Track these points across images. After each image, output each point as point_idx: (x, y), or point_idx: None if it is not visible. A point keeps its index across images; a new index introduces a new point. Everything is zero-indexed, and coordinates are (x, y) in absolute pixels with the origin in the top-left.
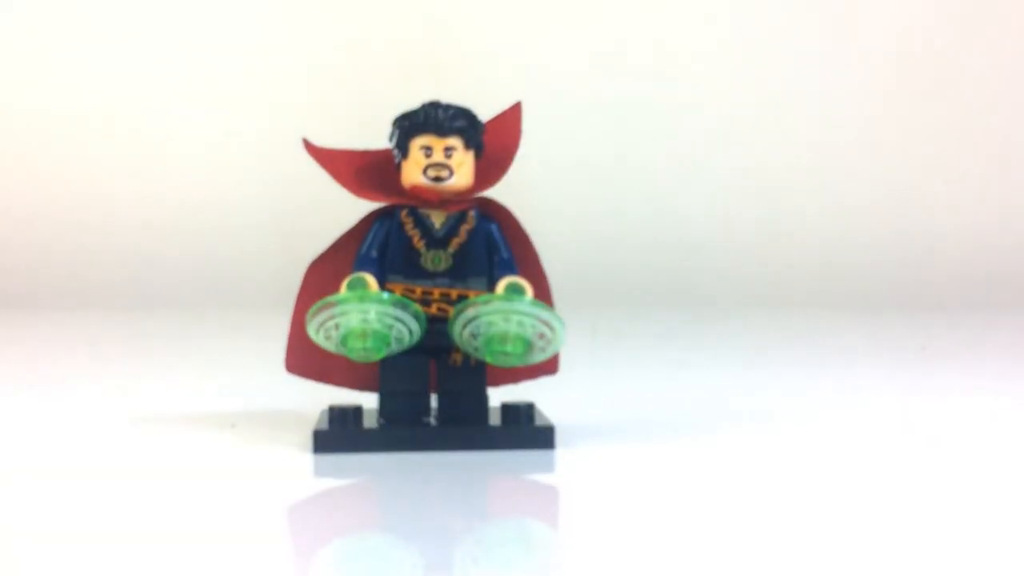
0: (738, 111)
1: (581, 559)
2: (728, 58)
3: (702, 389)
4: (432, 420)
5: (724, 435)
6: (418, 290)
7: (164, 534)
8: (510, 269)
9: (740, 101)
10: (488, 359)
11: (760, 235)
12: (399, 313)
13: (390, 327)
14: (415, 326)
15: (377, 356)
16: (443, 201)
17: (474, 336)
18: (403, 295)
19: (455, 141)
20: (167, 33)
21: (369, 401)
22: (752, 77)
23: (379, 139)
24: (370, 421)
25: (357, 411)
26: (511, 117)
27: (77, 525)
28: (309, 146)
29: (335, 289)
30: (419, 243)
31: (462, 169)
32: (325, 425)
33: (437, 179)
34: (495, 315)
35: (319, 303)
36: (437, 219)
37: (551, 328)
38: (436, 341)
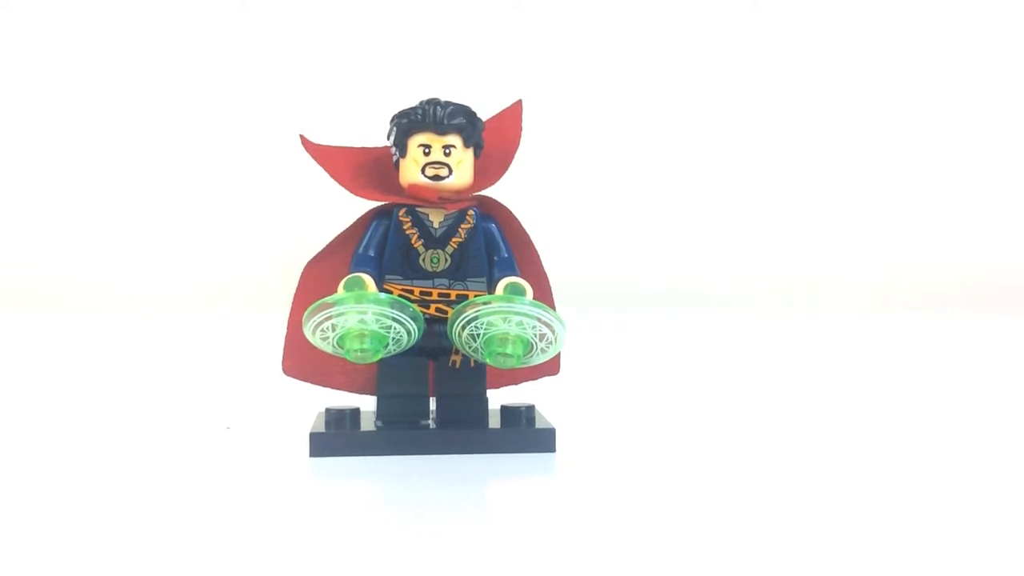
0: (740, 109)
1: (582, 564)
2: (727, 57)
3: (702, 390)
4: (431, 423)
5: (724, 436)
6: (416, 290)
7: (159, 536)
8: (510, 269)
9: (741, 100)
10: (488, 361)
11: (761, 236)
12: (397, 314)
13: (388, 328)
14: (413, 327)
15: (375, 358)
16: (442, 200)
17: (473, 337)
18: (401, 295)
19: (454, 139)
20: (165, 29)
21: (367, 403)
22: (752, 76)
23: (377, 137)
24: (368, 424)
25: (355, 413)
26: (511, 115)
27: (73, 527)
28: (306, 143)
29: (332, 290)
30: (417, 243)
31: (461, 168)
32: (322, 428)
33: (436, 178)
34: (495, 316)
35: (315, 304)
36: (436, 218)
37: (552, 329)
38: (435, 342)
